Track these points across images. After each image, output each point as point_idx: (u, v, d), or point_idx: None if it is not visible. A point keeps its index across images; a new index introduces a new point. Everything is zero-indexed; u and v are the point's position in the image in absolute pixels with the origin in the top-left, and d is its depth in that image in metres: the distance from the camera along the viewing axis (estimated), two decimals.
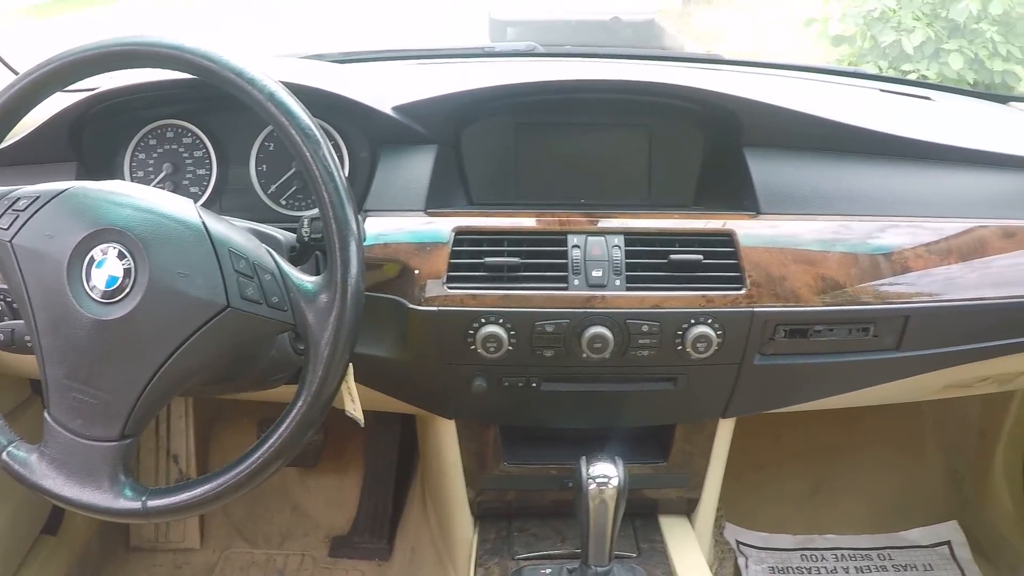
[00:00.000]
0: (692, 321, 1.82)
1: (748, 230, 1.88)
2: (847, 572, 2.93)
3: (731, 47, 11.09)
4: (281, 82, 1.51)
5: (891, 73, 7.06)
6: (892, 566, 2.96)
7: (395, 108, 1.94)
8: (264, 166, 2.00)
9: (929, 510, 3.14)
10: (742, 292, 1.84)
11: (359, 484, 3.08)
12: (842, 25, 8.00)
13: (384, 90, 2.00)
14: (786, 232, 1.90)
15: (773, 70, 2.71)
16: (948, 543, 3.05)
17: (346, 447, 3.11)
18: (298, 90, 1.55)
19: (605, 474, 1.74)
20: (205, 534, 3.03)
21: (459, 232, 1.84)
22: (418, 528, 2.77)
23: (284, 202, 2.00)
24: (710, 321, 1.82)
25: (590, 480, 1.73)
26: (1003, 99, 2.77)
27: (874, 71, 7.19)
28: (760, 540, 3.02)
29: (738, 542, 2.98)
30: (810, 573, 2.92)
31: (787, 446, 3.14)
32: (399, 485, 3.03)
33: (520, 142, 2.03)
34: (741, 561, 2.92)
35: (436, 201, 1.90)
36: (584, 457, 1.78)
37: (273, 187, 2.00)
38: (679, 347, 1.83)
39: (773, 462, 3.14)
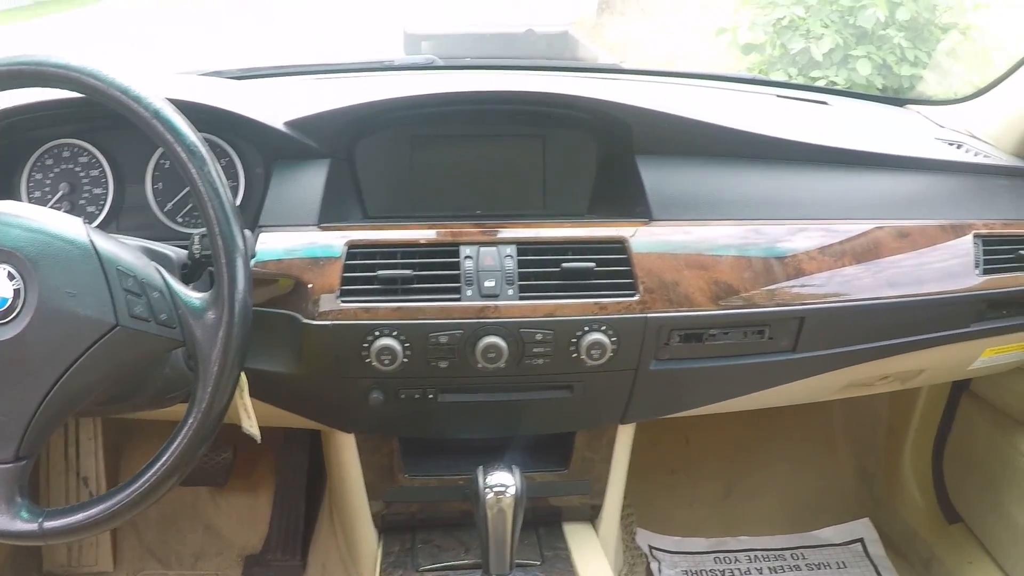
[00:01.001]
0: (586, 328, 1.83)
1: (640, 237, 1.90)
2: (760, 573, 2.95)
3: (644, 57, 11.15)
4: (171, 100, 1.51)
5: (800, 80, 7.16)
6: (806, 565, 2.99)
7: (287, 123, 1.94)
8: (160, 184, 1.99)
9: (841, 508, 3.19)
10: (635, 298, 1.86)
11: (271, 502, 3.06)
12: (751, 34, 8.06)
13: (278, 106, 2.00)
14: (678, 238, 1.92)
15: (672, 78, 2.74)
16: (861, 540, 3.10)
17: (257, 465, 3.09)
18: (190, 107, 1.55)
19: (502, 483, 1.75)
20: (118, 557, 3.00)
21: (352, 246, 1.84)
22: (328, 544, 2.77)
23: (181, 220, 1.99)
24: (604, 328, 1.84)
25: (487, 490, 1.75)
26: (900, 102, 2.82)
27: (783, 78, 7.28)
28: (673, 544, 3.04)
29: (651, 547, 3.00)
30: (723, 575, 2.95)
31: (698, 449, 3.17)
32: (310, 501, 3.01)
33: (415, 155, 2.04)
34: (654, 566, 2.93)
35: (330, 215, 1.89)
36: (481, 467, 1.80)
37: (169, 205, 2.00)
38: (574, 355, 1.85)
39: (684, 465, 3.16)
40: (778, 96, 2.64)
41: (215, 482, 3.01)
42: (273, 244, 1.84)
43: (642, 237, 1.90)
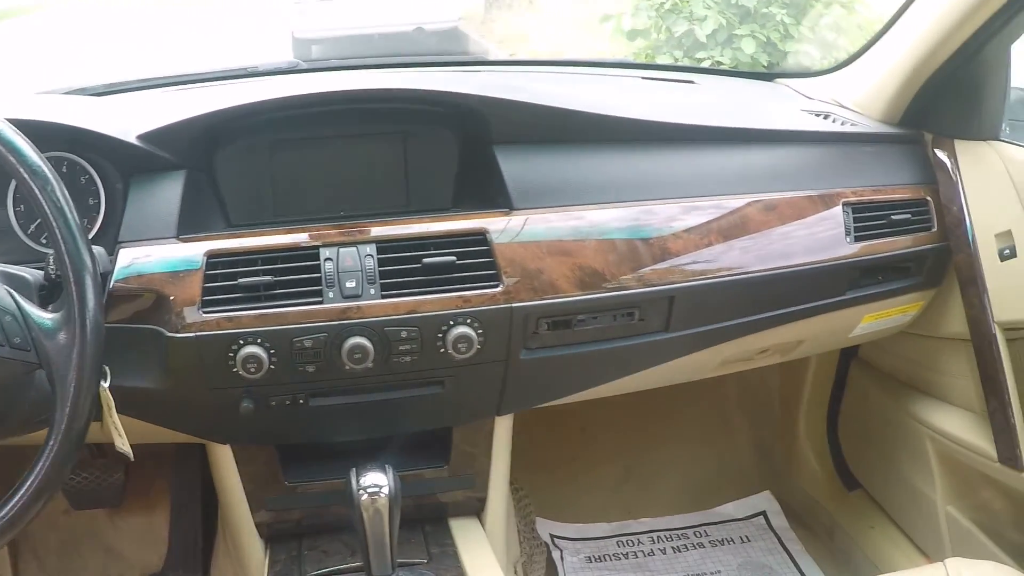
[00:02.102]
0: (451, 323, 1.83)
1: (501, 227, 1.90)
2: (664, 553, 2.97)
3: (533, 48, 11.22)
4: (26, 120, 1.50)
5: (686, 62, 7.23)
6: (709, 542, 3.01)
7: (139, 137, 1.90)
8: (22, 206, 1.95)
9: (741, 483, 3.21)
10: (499, 289, 1.85)
11: (168, 519, 3.02)
12: (636, 19, 8.14)
13: (134, 120, 1.96)
14: (539, 226, 1.91)
15: (540, 67, 2.74)
16: (763, 513, 3.13)
17: (152, 483, 3.04)
18: (44, 127, 1.54)
19: (375, 484, 1.73)
20: None
21: (211, 255, 1.81)
22: (226, 557, 2.73)
23: (44, 241, 1.95)
24: (469, 321, 1.83)
25: (361, 491, 1.73)
26: (769, 77, 2.85)
27: (669, 61, 7.34)
28: (575, 531, 3.04)
29: (552, 536, 3.00)
30: (627, 558, 2.95)
31: (594, 434, 3.17)
32: (207, 516, 2.97)
33: (275, 160, 2.01)
34: (556, 554, 2.93)
35: (190, 226, 1.87)
36: (354, 469, 1.78)
37: (32, 227, 1.95)
38: (441, 350, 1.84)
39: (582, 453, 3.16)
40: (643, 79, 2.65)
41: (109, 503, 2.96)
42: (133, 259, 1.81)
43: (503, 227, 1.90)
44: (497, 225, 1.90)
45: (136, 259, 1.81)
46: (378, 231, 1.88)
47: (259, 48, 12.86)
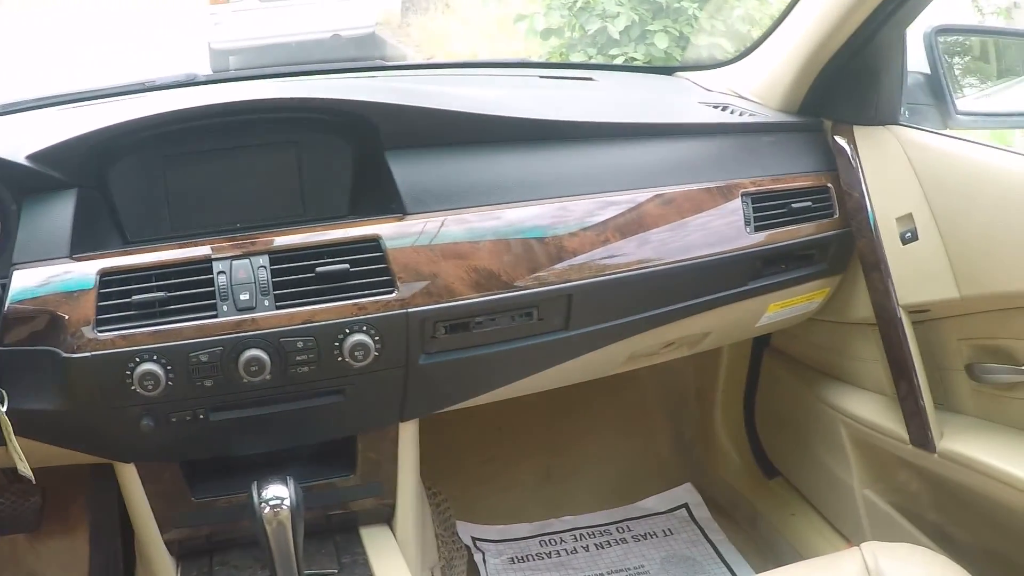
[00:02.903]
0: (347, 331, 1.81)
1: (394, 233, 1.89)
2: (587, 550, 2.96)
3: (450, 51, 11.21)
4: None
5: (599, 59, 7.25)
6: (632, 537, 3.01)
7: (28, 157, 1.87)
8: None
9: (663, 476, 3.21)
10: (394, 295, 1.84)
11: (87, 543, 2.98)
12: (549, 18, 8.16)
13: (26, 139, 1.93)
14: (432, 229, 1.90)
15: (440, 70, 2.73)
16: (685, 505, 3.13)
17: (70, 505, 2.99)
18: None
19: (277, 496, 1.71)
20: None
21: (104, 274, 1.79)
22: None
23: None
24: (365, 328, 1.82)
25: (263, 504, 1.71)
26: (669, 70, 2.85)
27: (583, 59, 7.36)
28: (496, 533, 3.03)
29: (473, 538, 2.98)
30: (550, 557, 2.94)
31: (513, 433, 3.16)
32: (127, 536, 2.93)
33: (169, 174, 1.98)
34: (478, 557, 2.92)
35: (85, 245, 1.84)
36: (255, 482, 1.76)
37: None
38: (339, 358, 1.82)
39: (501, 453, 3.15)
40: (541, 77, 2.64)
41: (26, 528, 2.91)
42: (27, 280, 1.78)
43: (396, 233, 1.89)
44: (390, 231, 1.89)
45: (30, 280, 1.78)
46: (271, 242, 1.86)
47: (178, 60, 12.72)
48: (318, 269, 1.82)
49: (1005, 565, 2.20)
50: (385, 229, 1.89)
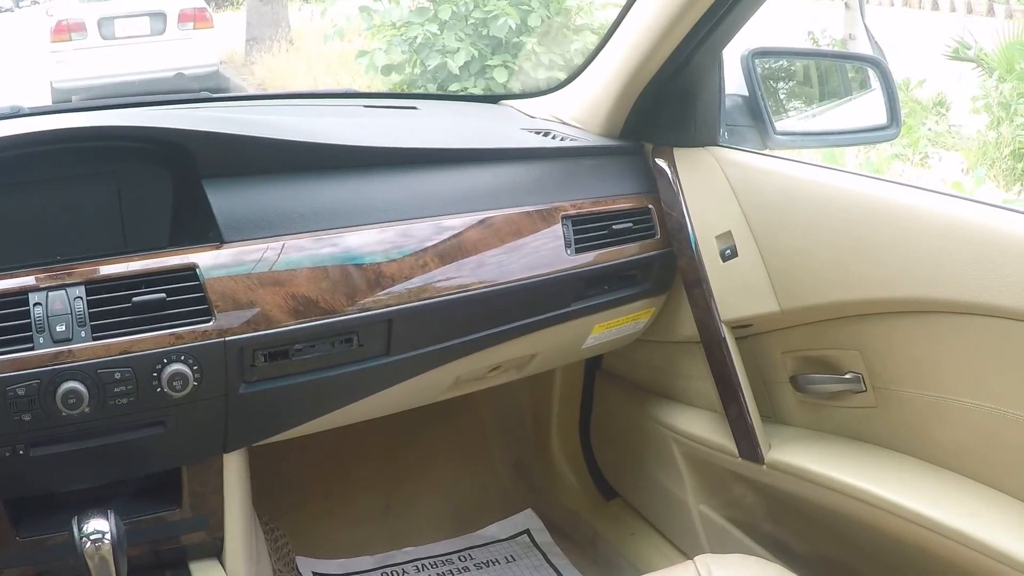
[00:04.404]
0: (165, 361, 1.78)
1: (211, 261, 1.86)
2: None
3: (293, 88, 11.18)
4: None
5: (437, 92, 7.29)
6: (474, 565, 3.01)
7: None
8: None
9: (503, 503, 3.22)
10: (211, 324, 1.81)
11: None
12: (391, 55, 8.18)
13: None
14: (250, 257, 1.89)
15: (266, 101, 2.71)
16: (527, 531, 3.14)
17: None
18: None
19: (98, 530, 1.69)
20: None
21: None
22: None
23: None
24: (183, 358, 1.79)
25: (84, 539, 1.68)
26: (495, 99, 2.88)
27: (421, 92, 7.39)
28: (338, 567, 2.99)
29: (314, 573, 2.95)
30: None
31: (349, 467, 3.13)
32: None
33: None
34: None
35: None
36: (75, 518, 1.72)
37: None
38: (158, 389, 1.79)
39: (338, 486, 3.12)
40: (365, 107, 2.65)
41: None
42: None
43: (213, 261, 1.86)
44: (207, 259, 1.86)
45: None
46: (87, 271, 1.82)
47: (19, 97, 12.44)
48: (135, 299, 1.79)
49: (836, 569, 2.26)
50: (202, 258, 1.86)
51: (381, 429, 2.29)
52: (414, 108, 2.66)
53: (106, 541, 1.68)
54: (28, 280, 1.80)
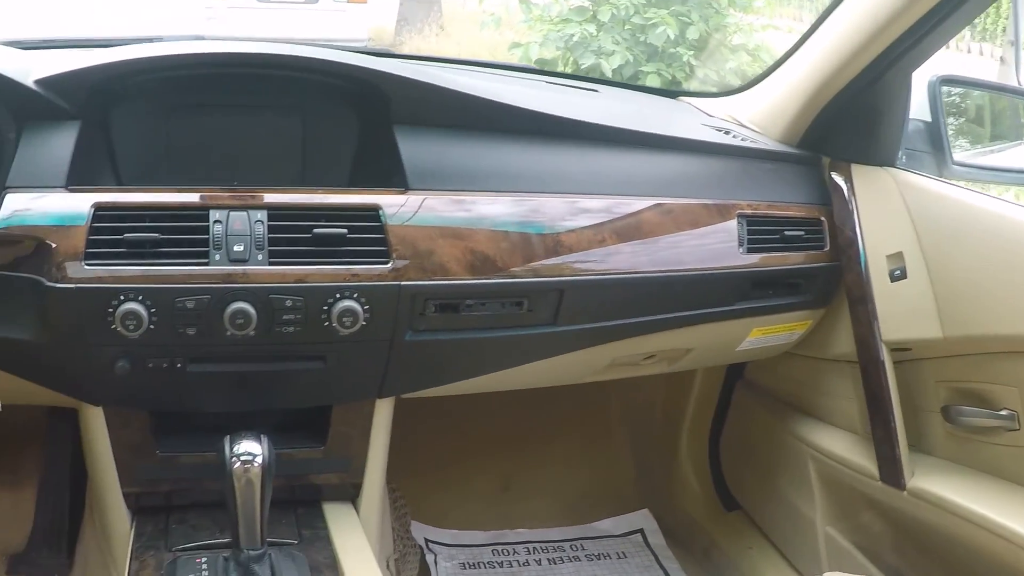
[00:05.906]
0: (337, 295, 1.79)
1: (395, 205, 1.87)
2: (539, 564, 2.94)
3: None
4: None
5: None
6: (585, 556, 2.99)
7: (37, 81, 1.84)
8: None
9: (620, 499, 3.20)
10: (388, 266, 1.82)
11: (35, 496, 2.92)
12: (544, 49, 8.19)
13: (36, 66, 1.90)
14: (434, 207, 1.90)
15: (449, 64, 2.72)
16: (641, 531, 3.11)
17: (20, 457, 2.92)
18: None
19: (249, 452, 1.68)
20: None
21: (99, 208, 1.75)
22: (92, 535, 2.65)
23: None
24: (356, 295, 1.80)
25: (234, 459, 1.68)
26: (673, 94, 2.87)
27: None
28: (450, 537, 3.01)
29: (427, 540, 2.96)
30: (502, 567, 2.92)
31: (472, 442, 3.13)
32: (76, 493, 2.87)
33: (172, 124, 1.97)
34: (430, 558, 2.89)
35: (80, 178, 1.80)
36: (228, 437, 1.73)
37: None
38: (325, 323, 1.80)
39: (458, 459, 3.12)
40: (548, 83, 2.65)
41: None
42: (19, 205, 1.75)
43: (397, 206, 1.87)
44: (391, 203, 1.87)
45: (22, 206, 1.75)
46: (271, 198, 1.84)
47: None
48: (316, 230, 1.80)
49: None
50: (386, 200, 1.87)
51: (509, 410, 2.28)
52: (595, 91, 2.66)
53: (256, 464, 1.68)
54: (212, 197, 1.82)
